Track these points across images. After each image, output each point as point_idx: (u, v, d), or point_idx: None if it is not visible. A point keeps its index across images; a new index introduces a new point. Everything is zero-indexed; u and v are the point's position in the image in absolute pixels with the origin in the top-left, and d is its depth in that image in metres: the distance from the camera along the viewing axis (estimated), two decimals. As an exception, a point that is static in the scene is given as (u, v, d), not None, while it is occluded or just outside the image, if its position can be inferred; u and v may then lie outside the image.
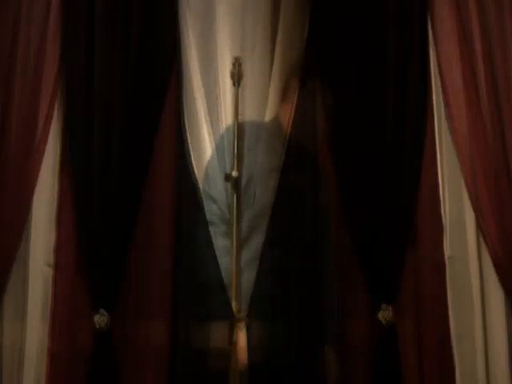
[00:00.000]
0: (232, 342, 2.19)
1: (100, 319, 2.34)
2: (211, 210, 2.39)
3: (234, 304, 2.21)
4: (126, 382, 2.36)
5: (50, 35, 2.51)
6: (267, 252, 2.30)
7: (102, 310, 2.34)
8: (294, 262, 2.36)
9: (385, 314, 2.34)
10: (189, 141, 2.45)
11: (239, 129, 2.29)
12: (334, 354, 2.34)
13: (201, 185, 2.40)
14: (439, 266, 2.40)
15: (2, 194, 2.41)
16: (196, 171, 2.42)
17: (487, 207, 2.37)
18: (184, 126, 2.46)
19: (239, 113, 2.26)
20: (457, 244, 2.42)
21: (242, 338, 2.22)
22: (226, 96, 2.43)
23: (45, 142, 2.47)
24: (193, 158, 2.43)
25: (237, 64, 2.27)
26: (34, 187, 2.44)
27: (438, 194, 2.45)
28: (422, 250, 2.41)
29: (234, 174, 2.21)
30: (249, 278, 2.27)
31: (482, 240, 2.39)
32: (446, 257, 2.41)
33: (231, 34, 2.48)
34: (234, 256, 2.21)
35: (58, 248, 2.42)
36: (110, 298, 2.37)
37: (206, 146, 2.46)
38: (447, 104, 2.48)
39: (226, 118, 2.41)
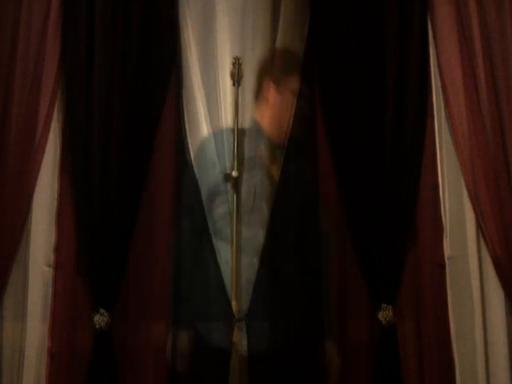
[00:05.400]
0: (232, 342, 2.19)
1: (100, 319, 2.34)
2: (211, 210, 2.39)
3: (233, 304, 2.21)
4: (126, 382, 2.36)
5: (49, 35, 2.50)
6: (267, 252, 2.30)
7: (102, 310, 2.34)
8: (294, 262, 2.36)
9: (385, 314, 2.34)
10: (189, 141, 2.45)
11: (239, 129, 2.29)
12: (335, 351, 2.34)
13: (200, 185, 2.40)
14: (439, 266, 2.40)
15: (1, 194, 2.41)
16: (196, 170, 2.42)
17: (487, 207, 2.37)
18: (184, 125, 2.46)
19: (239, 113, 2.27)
20: (457, 244, 2.42)
21: (242, 337, 2.22)
22: (226, 96, 2.42)
23: (45, 141, 2.47)
24: (193, 158, 2.43)
25: (237, 64, 2.27)
26: (34, 187, 2.44)
27: (438, 194, 2.45)
28: (422, 250, 2.41)
29: (234, 173, 2.21)
30: (249, 277, 2.27)
31: (482, 240, 2.39)
32: (445, 257, 2.41)
33: (231, 33, 2.48)
34: (234, 256, 2.21)
35: (58, 248, 2.42)
36: (110, 298, 2.36)
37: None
38: (447, 104, 2.48)
39: (226, 118, 2.41)
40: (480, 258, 2.39)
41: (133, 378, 2.37)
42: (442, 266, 2.40)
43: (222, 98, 2.43)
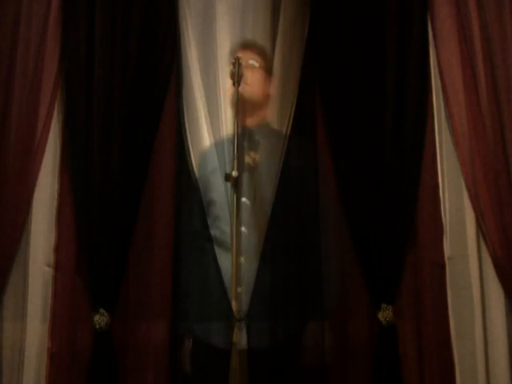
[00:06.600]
0: (232, 342, 2.19)
1: (100, 319, 2.34)
2: (211, 210, 2.39)
3: (233, 304, 2.21)
4: (126, 381, 2.36)
5: (49, 35, 2.51)
6: (267, 251, 2.30)
7: (102, 310, 2.34)
8: (295, 262, 2.36)
9: (385, 314, 2.34)
10: (189, 141, 2.45)
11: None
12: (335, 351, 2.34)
13: (201, 185, 2.41)
14: (439, 266, 2.40)
15: (2, 194, 2.42)
16: (196, 171, 2.42)
17: (487, 207, 2.37)
18: (184, 126, 2.46)
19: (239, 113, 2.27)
20: (457, 244, 2.42)
21: (242, 337, 2.22)
22: (226, 96, 2.43)
23: (45, 142, 2.47)
24: (193, 158, 2.43)
25: (237, 64, 2.27)
26: (34, 187, 2.44)
27: (438, 194, 2.45)
28: (422, 250, 2.40)
29: (234, 173, 2.21)
30: (249, 278, 2.27)
31: (482, 240, 2.39)
32: (445, 257, 2.41)
33: (231, 34, 2.48)
34: (234, 256, 2.21)
35: (58, 248, 2.42)
36: (110, 298, 2.37)
37: (206, 145, 2.46)
38: (447, 104, 2.48)
39: (226, 118, 2.41)
40: (480, 258, 2.39)
41: (133, 378, 2.37)
42: (442, 266, 2.40)
43: (222, 98, 2.43)
